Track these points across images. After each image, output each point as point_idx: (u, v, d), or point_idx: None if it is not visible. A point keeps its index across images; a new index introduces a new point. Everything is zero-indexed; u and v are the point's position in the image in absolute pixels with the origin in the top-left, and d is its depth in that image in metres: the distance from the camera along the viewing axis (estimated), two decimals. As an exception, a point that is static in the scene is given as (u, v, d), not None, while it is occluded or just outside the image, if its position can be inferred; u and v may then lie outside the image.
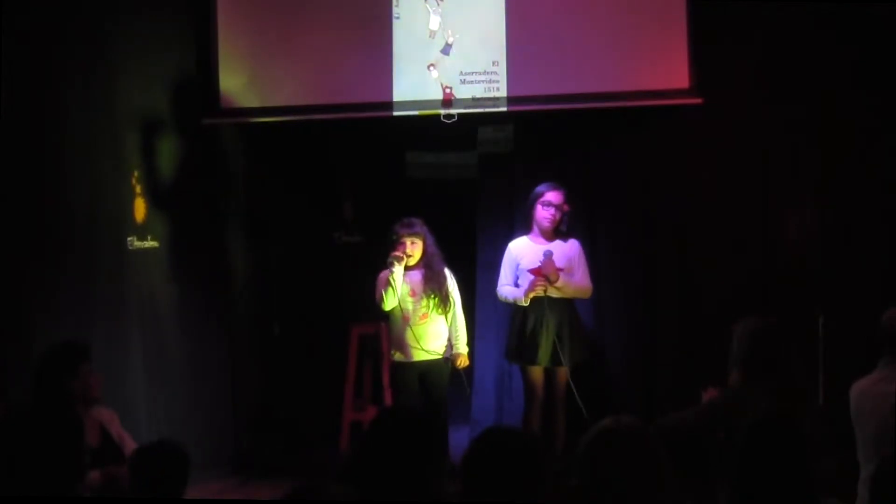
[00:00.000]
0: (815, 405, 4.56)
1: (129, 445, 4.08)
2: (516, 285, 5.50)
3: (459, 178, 6.38)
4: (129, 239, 5.48)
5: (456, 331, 5.49)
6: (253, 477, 5.83)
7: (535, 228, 5.50)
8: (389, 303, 5.35)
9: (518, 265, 5.48)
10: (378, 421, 2.71)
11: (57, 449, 2.86)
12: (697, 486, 2.88)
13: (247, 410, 6.32)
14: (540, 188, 5.48)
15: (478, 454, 2.49)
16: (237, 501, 5.47)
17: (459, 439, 5.65)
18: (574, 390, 5.35)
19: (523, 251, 5.49)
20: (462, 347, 5.49)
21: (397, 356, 5.43)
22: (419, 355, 5.37)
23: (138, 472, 3.25)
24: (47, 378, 4.03)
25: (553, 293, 5.39)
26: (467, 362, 5.52)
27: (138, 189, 5.59)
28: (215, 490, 5.53)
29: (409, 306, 5.38)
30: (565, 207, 5.46)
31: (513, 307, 5.53)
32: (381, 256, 5.38)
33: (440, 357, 5.41)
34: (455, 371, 5.50)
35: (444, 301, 5.39)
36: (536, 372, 5.45)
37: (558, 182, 5.57)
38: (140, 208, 5.61)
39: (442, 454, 2.67)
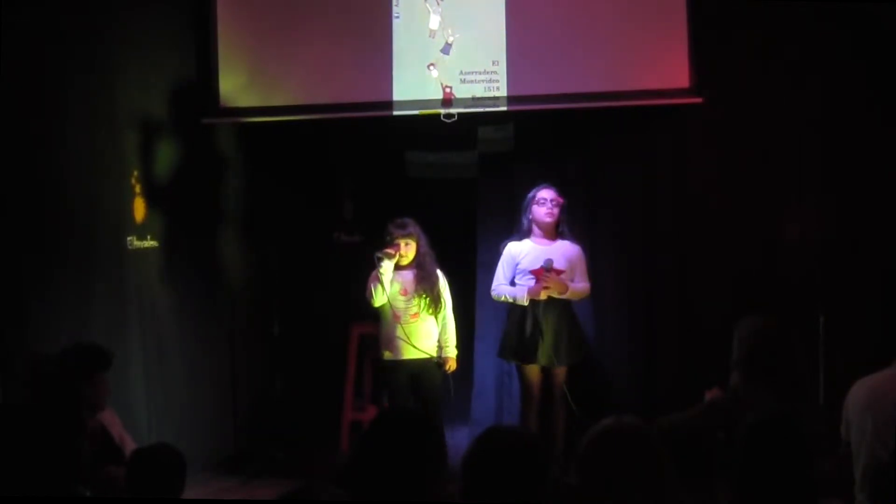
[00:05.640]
0: (815, 405, 4.55)
1: (130, 446, 4.08)
2: (512, 284, 5.50)
3: (459, 177, 6.37)
4: (128, 239, 5.48)
5: (445, 333, 5.47)
6: (253, 477, 5.83)
7: (535, 230, 5.52)
8: (378, 299, 5.34)
9: (517, 264, 5.49)
10: (378, 421, 2.71)
11: (56, 449, 2.86)
12: (697, 486, 2.88)
13: (247, 410, 6.32)
14: (532, 191, 5.54)
15: (479, 454, 2.48)
16: (237, 501, 5.47)
17: (459, 439, 5.64)
18: (567, 393, 5.35)
19: (524, 251, 5.51)
20: (451, 351, 5.48)
21: (387, 355, 5.42)
22: (409, 354, 5.36)
23: (134, 476, 3.24)
24: (63, 377, 4.02)
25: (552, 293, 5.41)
26: (455, 366, 5.50)
27: (138, 189, 5.59)
28: (215, 490, 5.53)
29: (401, 305, 5.37)
30: (560, 200, 5.48)
31: (509, 306, 5.54)
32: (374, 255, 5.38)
33: (431, 357, 5.40)
34: (451, 373, 5.49)
35: (436, 301, 5.39)
36: (532, 371, 5.46)
37: (558, 182, 5.58)
38: (140, 208, 5.60)
39: (441, 454, 2.66)
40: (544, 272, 5.36)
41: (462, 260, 6.06)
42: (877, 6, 5.49)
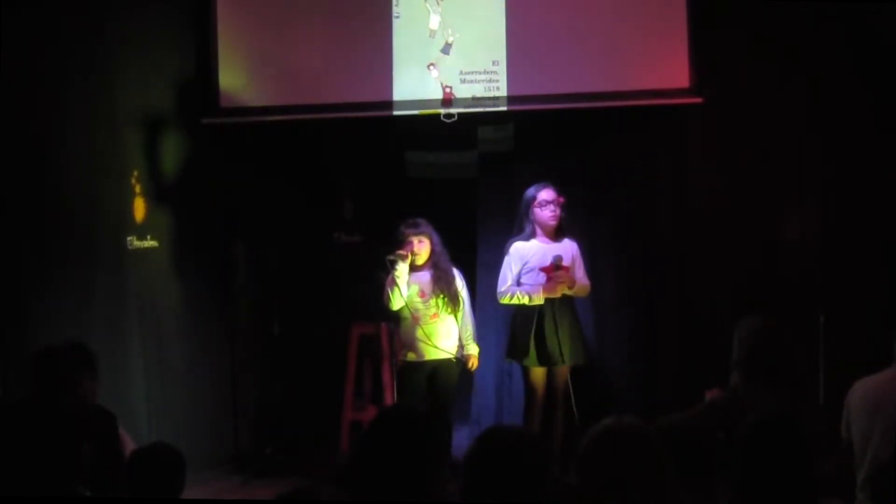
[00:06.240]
0: (815, 405, 4.56)
1: (130, 446, 4.07)
2: (518, 284, 5.49)
3: (459, 177, 6.38)
4: (128, 238, 5.48)
5: (466, 331, 5.48)
6: (253, 477, 5.83)
7: (538, 230, 5.50)
8: (396, 302, 5.32)
9: (525, 263, 5.45)
10: (377, 421, 2.70)
11: (59, 448, 2.85)
12: (697, 486, 2.88)
13: (247, 410, 6.32)
14: (529, 192, 5.50)
15: (479, 453, 2.48)
16: (237, 501, 5.47)
17: (459, 439, 5.64)
18: (571, 393, 5.34)
19: (532, 251, 5.47)
20: (473, 348, 5.49)
21: (410, 356, 5.40)
22: (431, 354, 5.36)
23: (135, 476, 3.24)
24: (59, 377, 4.01)
25: (566, 291, 5.41)
26: (477, 363, 5.52)
27: (138, 188, 5.59)
28: (215, 490, 5.53)
29: (419, 306, 5.36)
30: (561, 200, 5.46)
31: (515, 307, 5.52)
32: (382, 256, 5.36)
33: (451, 356, 5.40)
34: (465, 371, 5.49)
35: (454, 300, 5.38)
36: (538, 372, 5.44)
37: (558, 182, 5.57)
38: (140, 208, 5.61)
39: (443, 453, 2.66)
40: (554, 269, 5.35)
41: (462, 260, 6.05)
42: (877, 6, 5.49)
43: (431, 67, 5.91)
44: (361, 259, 5.90)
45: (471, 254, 6.19)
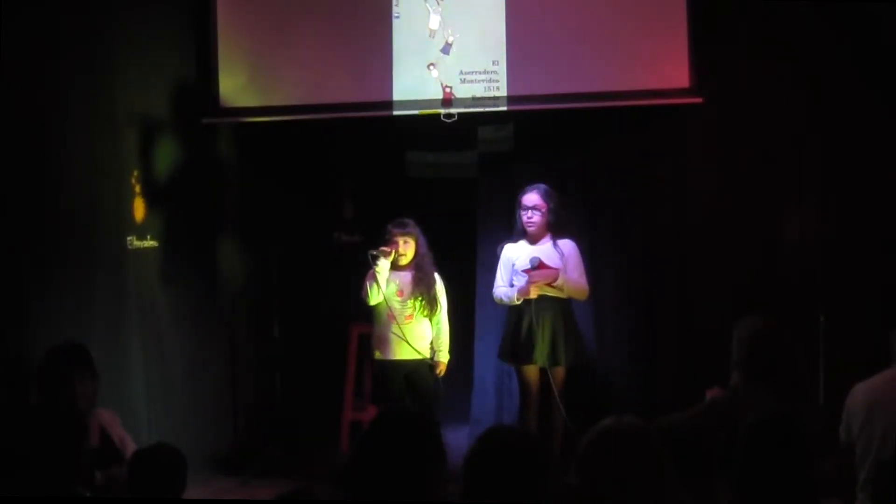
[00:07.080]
0: (815, 405, 4.56)
1: (130, 447, 4.07)
2: (511, 286, 5.50)
3: (459, 177, 6.38)
4: (128, 238, 5.48)
5: (439, 337, 5.45)
6: (253, 477, 5.83)
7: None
8: (374, 298, 5.32)
9: (513, 266, 5.48)
10: (377, 421, 2.71)
11: (59, 448, 2.86)
12: (697, 486, 2.88)
13: (247, 410, 6.32)
14: (520, 193, 5.49)
15: (480, 453, 2.48)
16: (237, 501, 5.47)
17: (460, 439, 5.64)
18: (559, 402, 5.33)
19: (518, 252, 5.50)
20: (444, 356, 5.46)
21: (377, 354, 5.41)
22: (402, 354, 5.35)
23: (136, 476, 3.24)
24: (56, 377, 4.02)
25: (549, 292, 5.39)
26: (444, 371, 5.47)
27: (138, 189, 5.59)
28: (215, 490, 5.52)
29: (396, 305, 5.35)
30: (543, 206, 5.43)
31: (508, 307, 5.53)
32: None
33: (425, 358, 5.38)
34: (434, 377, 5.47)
35: (432, 304, 5.37)
36: (531, 372, 5.44)
37: (558, 181, 5.56)
38: (139, 208, 5.61)
39: (441, 453, 2.66)
40: (531, 271, 5.35)
41: (462, 260, 6.05)
42: (877, 6, 5.49)
43: (431, 67, 5.91)
44: (362, 259, 5.90)
45: (471, 254, 6.19)
